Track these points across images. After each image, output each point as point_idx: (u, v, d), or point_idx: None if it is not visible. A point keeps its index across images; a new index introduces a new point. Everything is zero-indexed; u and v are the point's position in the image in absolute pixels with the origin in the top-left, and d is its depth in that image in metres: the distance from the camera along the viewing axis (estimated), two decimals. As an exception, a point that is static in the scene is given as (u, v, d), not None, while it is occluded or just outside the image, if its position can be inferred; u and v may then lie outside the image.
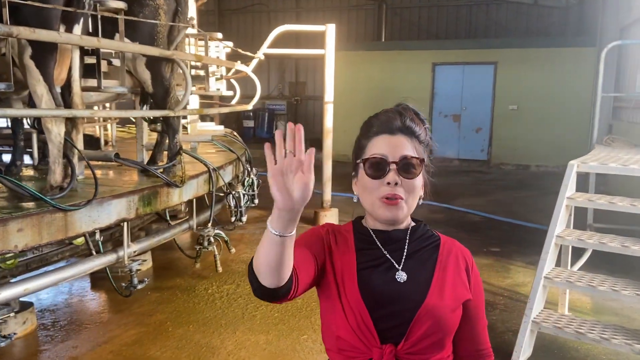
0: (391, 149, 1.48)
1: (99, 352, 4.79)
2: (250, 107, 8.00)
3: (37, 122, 3.92)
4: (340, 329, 1.48)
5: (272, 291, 1.31)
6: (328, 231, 1.60)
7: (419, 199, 1.54)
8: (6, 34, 3.15)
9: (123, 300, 5.99)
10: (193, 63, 5.61)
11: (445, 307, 1.48)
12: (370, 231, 1.57)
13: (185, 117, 7.54)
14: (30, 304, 5.16)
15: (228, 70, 8.09)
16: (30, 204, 3.31)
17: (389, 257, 1.53)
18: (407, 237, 1.55)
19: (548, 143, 14.77)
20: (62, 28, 3.50)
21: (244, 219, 5.89)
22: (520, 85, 15.14)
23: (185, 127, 8.37)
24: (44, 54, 3.41)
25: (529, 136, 15.12)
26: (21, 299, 4.79)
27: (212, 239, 4.99)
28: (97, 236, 3.87)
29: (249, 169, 6.67)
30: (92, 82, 4.09)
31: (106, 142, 6.99)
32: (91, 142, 6.80)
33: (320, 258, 1.52)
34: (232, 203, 5.66)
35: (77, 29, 3.53)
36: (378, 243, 1.54)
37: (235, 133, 7.85)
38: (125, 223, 3.99)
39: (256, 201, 6.80)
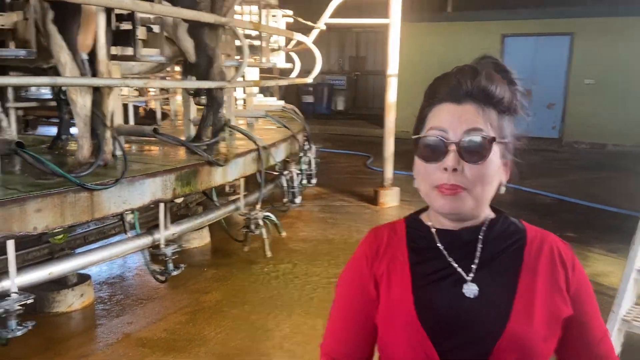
0: (454, 123, 1.09)
1: (152, 329, 4.54)
2: (310, 80, 7.45)
3: (64, 93, 3.53)
4: None
5: None
6: (368, 257, 1.21)
7: (500, 185, 1.13)
8: None
9: (179, 276, 5.77)
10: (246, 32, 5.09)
11: (535, 333, 1.07)
12: (433, 231, 1.17)
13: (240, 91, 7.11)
14: (88, 277, 4.95)
15: (288, 42, 7.57)
16: (56, 182, 2.93)
17: (456, 265, 1.12)
18: (481, 237, 1.14)
19: (627, 120, 13.28)
20: (87, -12, 3.04)
21: (298, 200, 5.39)
22: (600, 57, 13.53)
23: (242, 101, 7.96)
24: (67, 17, 2.98)
25: (606, 113, 13.61)
26: (80, 272, 4.60)
27: (260, 222, 4.51)
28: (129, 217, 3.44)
29: (307, 146, 6.16)
30: (130, 51, 3.65)
31: (165, 116, 6.66)
32: (148, 115, 6.52)
33: (371, 309, 1.19)
34: (285, 183, 5.17)
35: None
36: (441, 248, 1.14)
37: (296, 109, 7.32)
38: (162, 204, 3.56)
39: (313, 181, 6.31)
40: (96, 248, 3.56)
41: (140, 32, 3.64)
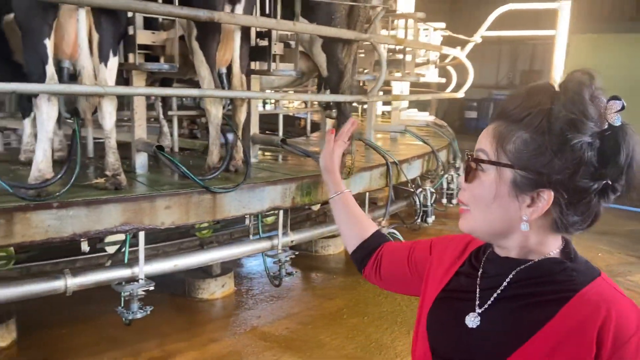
0: (478, 141, 1.07)
1: (276, 326, 4.79)
2: (460, 95, 7.14)
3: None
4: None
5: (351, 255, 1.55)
6: (448, 243, 1.28)
7: (522, 222, 1.00)
8: (208, 18, 3.07)
9: (309, 280, 5.99)
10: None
11: None
12: (487, 252, 1.14)
13: (389, 104, 7.08)
14: (230, 270, 5.36)
15: (443, 56, 7.34)
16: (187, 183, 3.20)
17: (478, 290, 1.08)
18: (511, 274, 1.03)
19: None
20: (227, 8, 3.28)
21: (430, 219, 5.18)
22: None
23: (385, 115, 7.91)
24: (208, 35, 3.25)
25: None
26: (223, 264, 5.02)
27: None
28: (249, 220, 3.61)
29: (454, 163, 5.90)
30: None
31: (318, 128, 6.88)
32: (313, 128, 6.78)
33: (417, 266, 1.33)
34: (417, 201, 5.00)
35: (239, 8, 3.27)
36: (479, 271, 1.11)
37: (446, 125, 7.05)
38: (282, 212, 3.69)
39: (454, 201, 6.02)
40: (219, 247, 3.81)
41: (278, 48, 3.82)
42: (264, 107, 9.51)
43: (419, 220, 5.14)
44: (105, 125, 2.88)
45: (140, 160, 3.50)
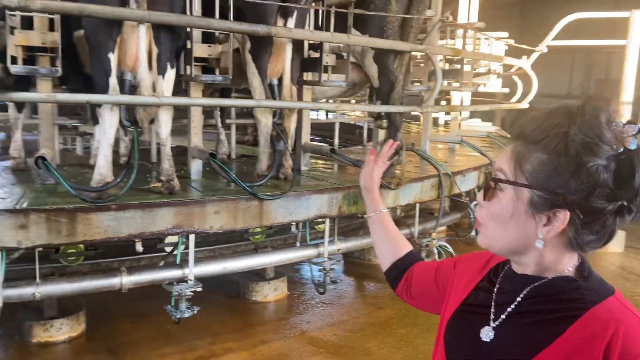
0: (497, 160, 1.12)
1: (324, 332, 4.83)
2: (523, 105, 6.91)
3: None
4: None
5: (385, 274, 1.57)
6: (470, 259, 1.32)
7: (538, 240, 1.03)
8: (266, 33, 3.21)
9: (361, 287, 6.00)
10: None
11: None
12: (505, 269, 1.18)
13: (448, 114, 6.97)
14: (283, 274, 5.45)
15: (508, 65, 7.15)
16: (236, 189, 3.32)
17: (493, 306, 1.12)
18: (527, 290, 1.07)
19: None
20: (280, 22, 3.39)
21: None
22: None
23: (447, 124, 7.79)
24: (260, 48, 3.37)
25: None
26: (277, 269, 5.13)
27: (434, 250, 4.35)
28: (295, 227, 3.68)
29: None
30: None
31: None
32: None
33: (443, 284, 1.36)
34: (473, 213, 4.89)
35: (291, 22, 3.37)
36: (496, 287, 1.15)
37: (508, 135, 6.85)
38: (328, 220, 3.73)
39: None
40: (266, 252, 3.91)
41: (330, 59, 3.88)
42: (326, 115, 9.64)
43: (473, 232, 5.02)
44: (161, 133, 3.05)
45: (196, 167, 3.67)
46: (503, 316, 1.09)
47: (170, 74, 3.03)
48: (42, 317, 3.89)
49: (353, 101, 6.38)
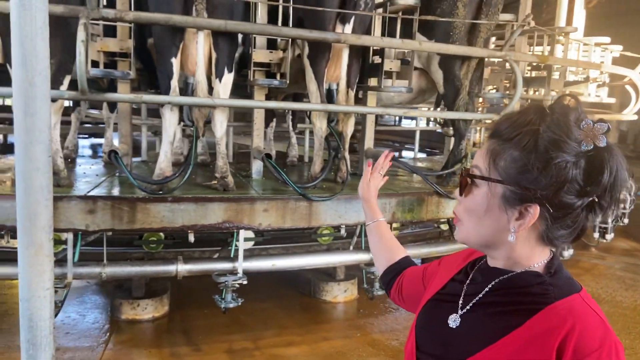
0: (474, 158, 1.16)
1: (387, 336, 4.78)
2: (631, 117, 6.28)
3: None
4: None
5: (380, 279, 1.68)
6: (454, 256, 1.37)
7: (509, 234, 1.07)
8: (335, 40, 3.33)
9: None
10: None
11: None
12: (482, 261, 1.22)
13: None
14: (354, 276, 5.44)
15: (617, 76, 6.52)
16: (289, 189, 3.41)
17: (462, 296, 1.18)
18: (494, 282, 1.12)
19: None
20: (338, 28, 3.43)
21: (609, 237, 4.72)
22: None
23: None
24: (318, 53, 3.43)
25: None
26: (348, 270, 5.15)
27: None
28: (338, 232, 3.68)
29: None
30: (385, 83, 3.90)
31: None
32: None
33: (427, 281, 1.39)
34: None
35: (348, 28, 3.39)
36: (469, 278, 1.21)
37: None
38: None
39: (609, 237, 5.38)
40: (317, 254, 3.94)
41: (394, 65, 3.83)
42: (428, 123, 9.46)
43: (596, 235, 4.69)
44: (216, 132, 3.23)
45: (256, 167, 3.82)
46: (470, 305, 1.13)
47: (227, 77, 3.20)
48: (131, 297, 4.23)
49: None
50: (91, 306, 4.62)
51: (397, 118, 11.55)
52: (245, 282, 3.28)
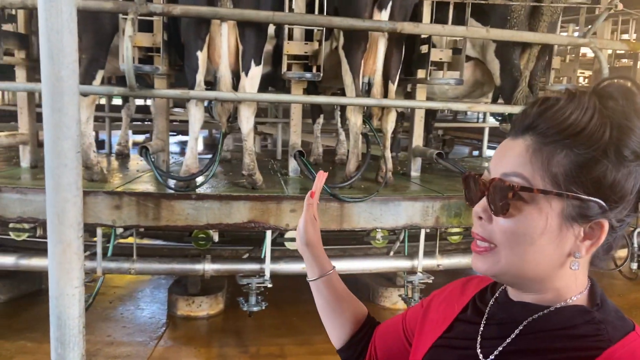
0: (495, 161, 0.85)
1: None
2: None
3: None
4: None
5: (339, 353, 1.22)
6: (436, 295, 1.09)
7: (570, 258, 0.80)
8: (390, 29, 3.12)
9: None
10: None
11: None
12: (500, 292, 0.94)
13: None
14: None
15: None
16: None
17: (479, 339, 0.89)
18: (525, 323, 0.84)
19: None
20: (376, 15, 3.16)
21: None
22: None
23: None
24: (353, 44, 3.20)
25: None
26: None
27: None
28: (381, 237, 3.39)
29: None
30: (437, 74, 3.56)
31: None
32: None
33: (411, 329, 1.08)
34: (632, 242, 3.95)
35: (385, 14, 3.10)
36: (485, 317, 0.92)
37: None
38: (423, 231, 3.36)
39: None
40: (352, 258, 3.69)
41: (444, 55, 3.49)
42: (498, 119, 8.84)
43: (635, 265, 4.03)
44: (242, 128, 3.09)
45: (293, 165, 3.65)
46: (495, 353, 0.85)
47: (255, 71, 3.05)
48: (187, 293, 4.23)
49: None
50: (151, 300, 4.70)
51: (481, 114, 10.87)
52: (270, 285, 3.11)
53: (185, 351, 3.80)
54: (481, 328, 0.90)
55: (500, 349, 0.84)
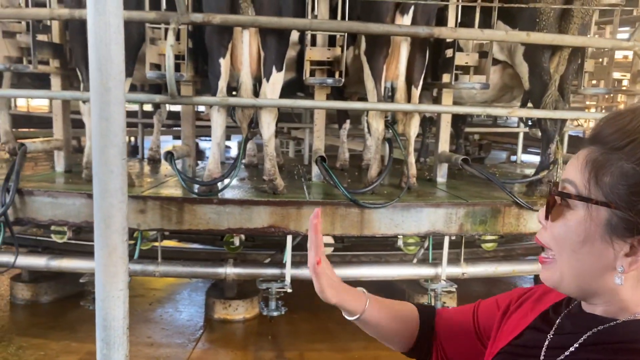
0: (565, 170, 0.88)
1: None
2: None
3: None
4: None
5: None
6: (510, 299, 1.10)
7: (615, 274, 0.81)
8: (428, 34, 3.12)
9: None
10: None
11: None
12: (574, 304, 0.95)
13: None
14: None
15: None
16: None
17: (544, 349, 0.89)
18: (588, 335, 0.84)
19: None
20: (398, 19, 3.12)
21: None
22: None
23: None
24: (375, 49, 3.17)
25: None
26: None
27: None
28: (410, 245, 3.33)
29: None
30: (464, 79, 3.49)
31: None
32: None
33: (485, 329, 1.11)
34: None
35: (407, 19, 3.06)
36: (556, 325, 0.93)
37: None
38: (447, 238, 3.28)
39: None
40: (372, 264, 3.64)
41: (470, 59, 3.41)
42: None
43: None
44: (263, 134, 3.11)
45: (316, 170, 3.64)
46: None
47: (276, 77, 3.06)
48: (223, 297, 4.20)
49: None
50: (189, 303, 4.77)
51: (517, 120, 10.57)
52: (290, 291, 3.10)
53: (223, 354, 3.82)
54: (549, 338, 0.90)
55: (562, 357, 0.84)
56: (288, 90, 3.93)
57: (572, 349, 0.85)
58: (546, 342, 0.90)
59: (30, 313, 4.29)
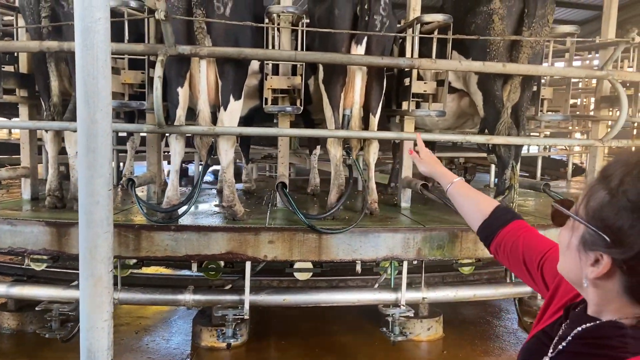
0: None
1: None
2: None
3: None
4: None
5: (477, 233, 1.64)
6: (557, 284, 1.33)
7: (584, 280, 1.01)
8: (409, 66, 3.18)
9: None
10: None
11: None
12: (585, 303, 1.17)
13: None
14: (439, 314, 4.93)
15: None
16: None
17: (556, 339, 1.10)
18: (577, 329, 1.04)
19: None
20: (353, 49, 3.18)
21: None
22: None
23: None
24: (332, 78, 3.22)
25: None
26: (432, 308, 4.70)
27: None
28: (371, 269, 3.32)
29: None
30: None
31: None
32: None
33: (544, 277, 1.36)
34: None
35: (361, 49, 3.13)
36: (569, 320, 1.13)
37: None
38: (405, 263, 3.28)
39: None
40: (333, 290, 3.62)
41: (429, 87, 3.48)
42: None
43: None
44: (221, 161, 3.14)
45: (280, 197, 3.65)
46: (555, 352, 1.07)
47: (234, 105, 3.10)
48: (210, 324, 4.02)
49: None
50: (176, 331, 4.67)
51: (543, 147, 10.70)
52: (246, 317, 3.08)
53: (209, 382, 3.75)
54: (561, 329, 1.09)
55: (559, 349, 1.05)
56: (260, 118, 3.97)
57: (565, 342, 1.04)
58: (559, 332, 1.09)
59: (16, 342, 4.22)
